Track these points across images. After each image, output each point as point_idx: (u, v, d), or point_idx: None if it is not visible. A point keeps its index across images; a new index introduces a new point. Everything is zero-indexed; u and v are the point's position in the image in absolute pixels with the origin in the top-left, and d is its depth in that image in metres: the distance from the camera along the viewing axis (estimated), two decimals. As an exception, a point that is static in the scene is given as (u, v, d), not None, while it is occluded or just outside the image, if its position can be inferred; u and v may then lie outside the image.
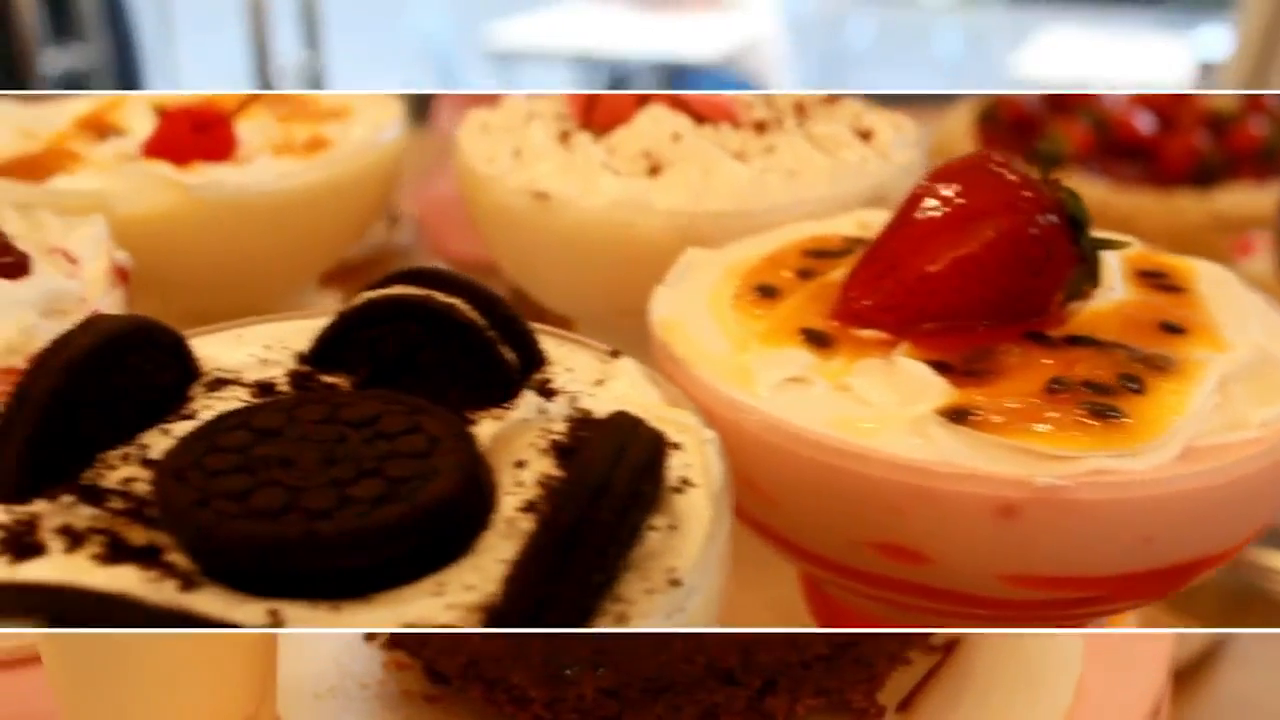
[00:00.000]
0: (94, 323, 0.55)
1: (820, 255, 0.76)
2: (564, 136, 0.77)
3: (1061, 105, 1.70)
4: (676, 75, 4.87)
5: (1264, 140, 1.61)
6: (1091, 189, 1.48)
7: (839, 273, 0.73)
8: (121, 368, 0.54)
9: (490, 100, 0.94)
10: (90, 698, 0.67)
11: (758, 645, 0.71)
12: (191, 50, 4.30)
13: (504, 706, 0.75)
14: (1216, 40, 3.97)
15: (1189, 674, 1.06)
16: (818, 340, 0.68)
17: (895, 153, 0.85)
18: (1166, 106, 1.66)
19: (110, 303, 0.82)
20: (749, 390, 0.65)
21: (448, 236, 1.40)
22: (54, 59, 3.23)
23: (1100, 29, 4.84)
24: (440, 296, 0.58)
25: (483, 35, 4.83)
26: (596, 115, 0.78)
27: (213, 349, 0.61)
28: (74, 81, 3.29)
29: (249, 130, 0.95)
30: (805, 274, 0.75)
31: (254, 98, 0.91)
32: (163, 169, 0.91)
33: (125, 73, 3.48)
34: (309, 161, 0.90)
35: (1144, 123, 1.63)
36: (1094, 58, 4.35)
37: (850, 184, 0.80)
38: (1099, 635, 0.85)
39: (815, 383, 0.66)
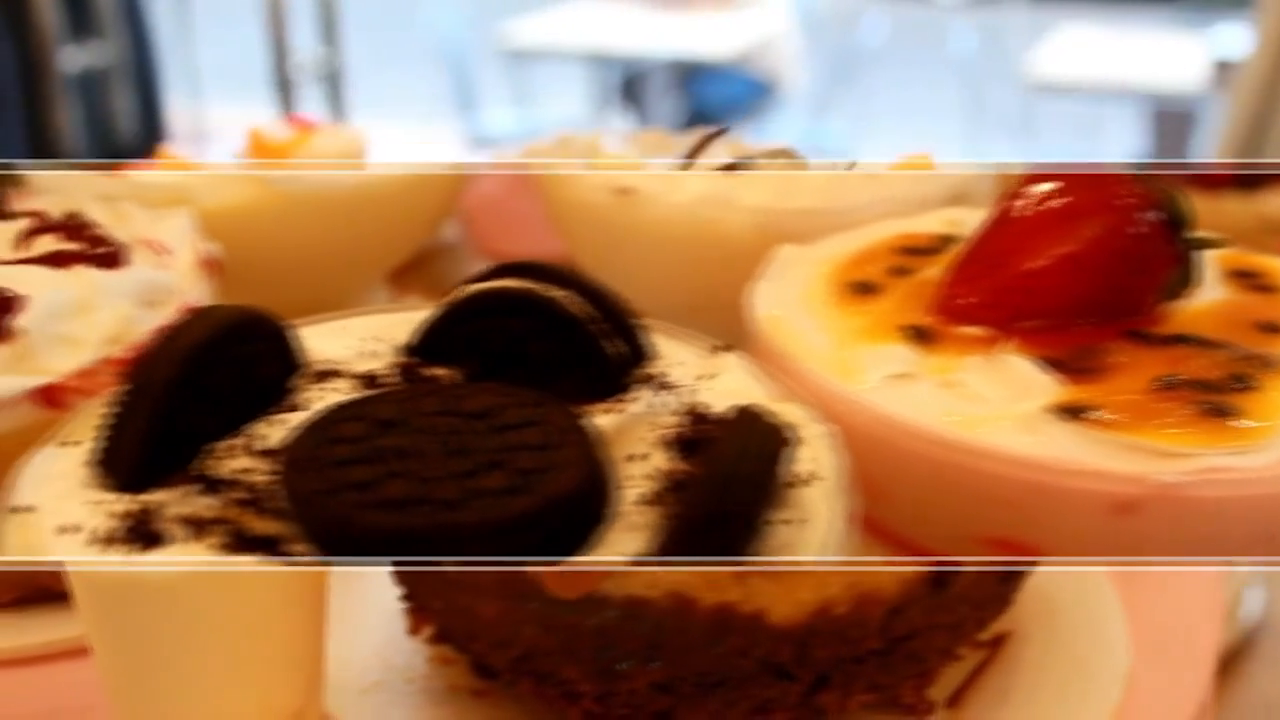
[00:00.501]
0: (205, 313, 0.55)
1: (912, 252, 0.76)
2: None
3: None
4: (690, 73, 4.87)
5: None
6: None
7: (934, 270, 0.73)
8: (231, 358, 0.54)
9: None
10: (142, 692, 0.67)
11: (812, 640, 0.70)
12: (209, 47, 4.30)
13: (554, 701, 0.75)
14: (1234, 38, 3.96)
15: (1217, 672, 1.06)
16: (920, 336, 0.69)
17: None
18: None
19: (201, 294, 0.82)
20: (855, 385, 0.65)
21: (494, 234, 1.39)
22: (72, 57, 3.22)
23: (1116, 27, 4.84)
24: (546, 290, 0.58)
25: (497, 34, 4.83)
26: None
27: (314, 340, 0.61)
28: (92, 80, 3.29)
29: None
30: (899, 271, 0.75)
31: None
32: (244, 163, 0.91)
33: (142, 71, 3.48)
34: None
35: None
36: (1110, 56, 4.35)
37: (931, 184, 0.79)
38: (1147, 632, 0.85)
39: (921, 378, 0.66)
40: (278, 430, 0.54)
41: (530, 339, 0.58)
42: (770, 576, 0.69)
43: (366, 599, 0.87)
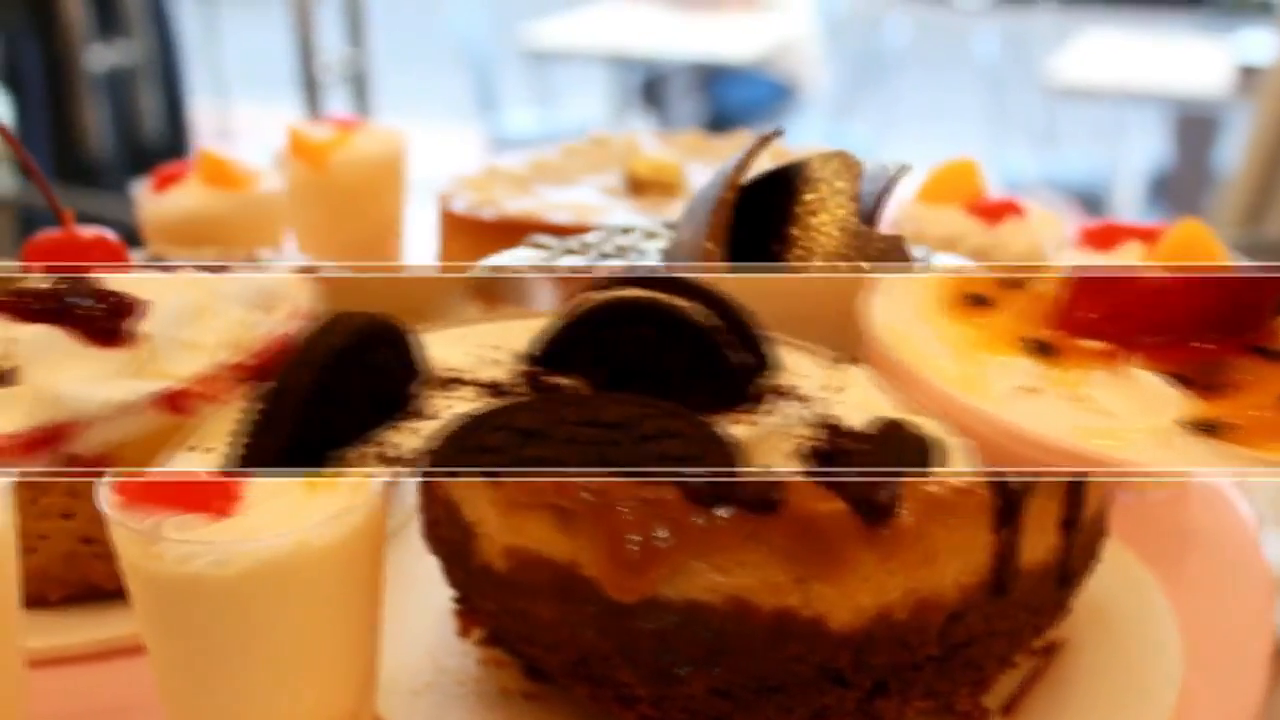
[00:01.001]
0: (336, 321, 0.55)
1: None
2: None
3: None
4: (711, 75, 4.86)
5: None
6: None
7: (1045, 283, 0.73)
8: (361, 365, 0.54)
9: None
10: (198, 692, 0.67)
11: (870, 646, 0.71)
12: (236, 48, 4.30)
13: (609, 704, 0.75)
14: (1259, 44, 3.95)
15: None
16: (1042, 349, 0.69)
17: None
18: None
19: (309, 298, 0.82)
20: (982, 397, 0.65)
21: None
22: (99, 55, 3.23)
23: (1140, 32, 4.82)
24: (671, 299, 0.57)
25: (519, 35, 4.83)
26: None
27: (435, 348, 0.61)
28: (118, 79, 3.29)
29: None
30: (1011, 284, 0.75)
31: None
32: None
33: (168, 70, 3.48)
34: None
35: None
36: (1133, 61, 4.33)
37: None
38: (1199, 641, 0.85)
39: (1047, 392, 0.66)
40: (409, 438, 0.54)
41: (657, 348, 0.58)
42: (831, 582, 0.69)
43: (418, 602, 0.87)
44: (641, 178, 1.20)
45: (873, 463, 0.50)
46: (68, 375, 0.81)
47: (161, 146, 3.38)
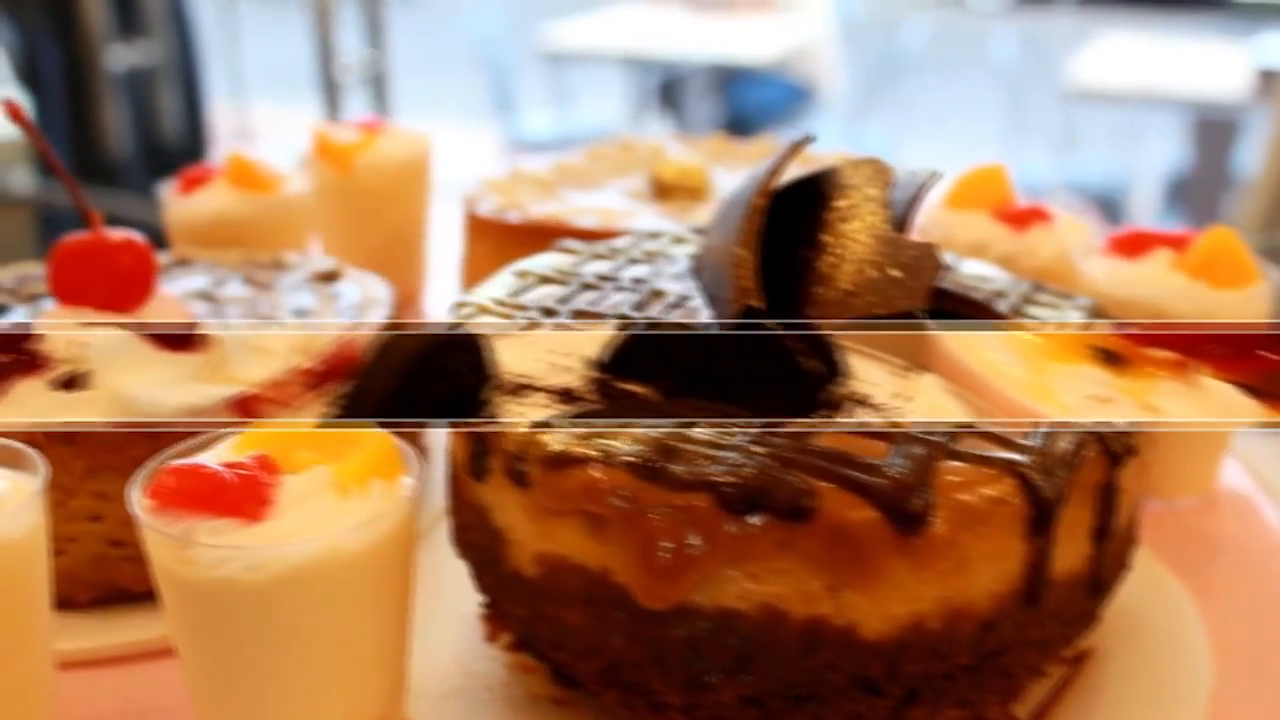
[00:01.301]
0: (410, 327, 0.54)
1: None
2: None
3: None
4: (728, 77, 4.85)
5: None
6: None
7: None
8: (437, 370, 0.54)
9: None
10: (227, 694, 0.67)
11: (903, 655, 0.70)
12: (256, 49, 4.31)
13: (639, 711, 0.75)
14: (1278, 47, 3.93)
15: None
16: (1110, 358, 0.69)
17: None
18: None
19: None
20: (1054, 406, 0.65)
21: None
22: (120, 56, 3.23)
23: (1159, 35, 4.80)
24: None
25: (536, 37, 4.84)
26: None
27: (504, 354, 0.60)
28: (138, 79, 3.30)
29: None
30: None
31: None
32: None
33: (187, 71, 3.48)
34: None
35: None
36: (1152, 64, 4.31)
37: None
38: (1229, 650, 0.84)
39: (1118, 401, 0.66)
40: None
41: (726, 355, 0.57)
42: (864, 590, 0.68)
43: (446, 607, 0.87)
44: (667, 182, 1.20)
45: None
46: (141, 380, 0.81)
47: (180, 147, 3.39)
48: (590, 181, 1.26)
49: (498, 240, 1.16)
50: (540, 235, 1.14)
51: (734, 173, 1.29)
